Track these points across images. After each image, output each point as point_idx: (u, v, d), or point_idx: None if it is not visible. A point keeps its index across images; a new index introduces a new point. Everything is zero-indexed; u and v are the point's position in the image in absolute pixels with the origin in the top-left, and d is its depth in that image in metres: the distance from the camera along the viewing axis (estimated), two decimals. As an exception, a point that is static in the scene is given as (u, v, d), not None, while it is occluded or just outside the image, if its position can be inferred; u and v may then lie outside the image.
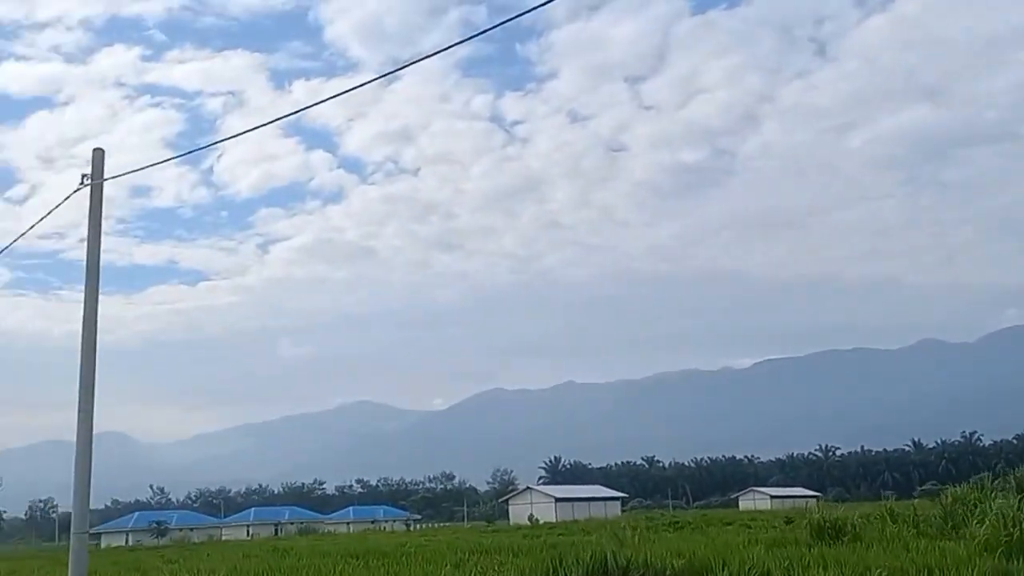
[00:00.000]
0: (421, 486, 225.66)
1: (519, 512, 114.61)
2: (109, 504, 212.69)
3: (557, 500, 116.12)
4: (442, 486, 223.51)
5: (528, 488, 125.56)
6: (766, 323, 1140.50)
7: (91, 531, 64.30)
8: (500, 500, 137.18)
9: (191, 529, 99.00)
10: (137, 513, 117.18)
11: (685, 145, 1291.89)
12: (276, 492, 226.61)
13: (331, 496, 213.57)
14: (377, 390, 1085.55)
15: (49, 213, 11.01)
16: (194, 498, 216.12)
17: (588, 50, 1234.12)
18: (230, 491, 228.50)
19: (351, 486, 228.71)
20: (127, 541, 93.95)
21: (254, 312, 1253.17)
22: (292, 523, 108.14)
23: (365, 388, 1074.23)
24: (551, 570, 15.27)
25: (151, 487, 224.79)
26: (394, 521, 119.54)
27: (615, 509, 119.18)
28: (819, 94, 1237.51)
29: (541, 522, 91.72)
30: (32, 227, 11.83)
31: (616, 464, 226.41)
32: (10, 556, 63.77)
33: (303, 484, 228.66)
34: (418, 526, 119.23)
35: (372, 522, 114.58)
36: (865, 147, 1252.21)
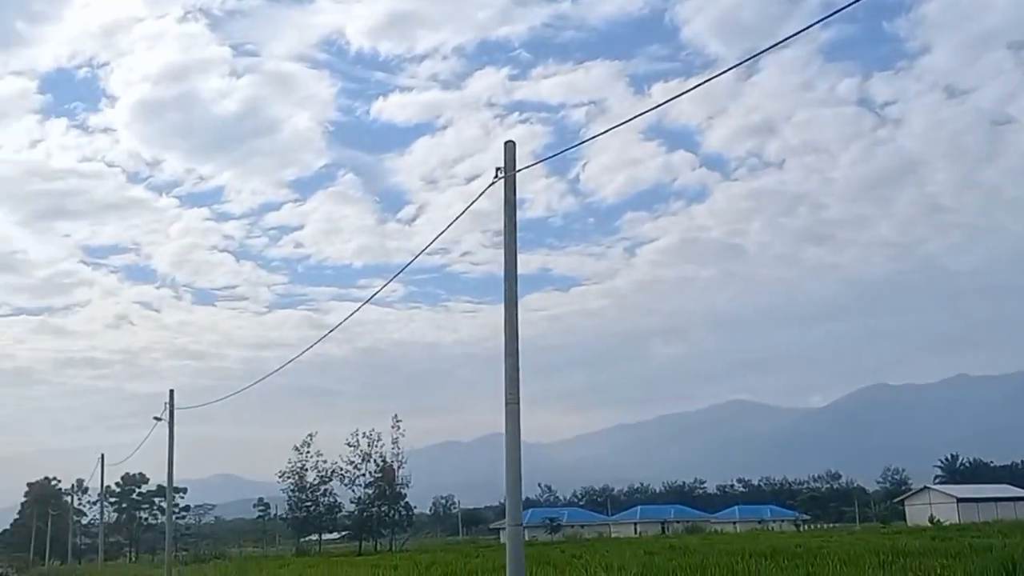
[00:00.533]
0: (805, 486, 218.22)
1: (916, 513, 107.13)
2: (502, 501, 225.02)
3: (959, 500, 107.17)
4: (827, 485, 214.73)
5: (925, 488, 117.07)
6: None
7: (489, 527, 67.60)
8: (894, 501, 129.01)
9: (581, 526, 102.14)
10: (531, 510, 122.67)
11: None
12: (657, 491, 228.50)
13: (712, 495, 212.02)
14: (750, 389, 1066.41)
15: (466, 208, 11.21)
16: (579, 496, 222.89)
17: (964, 19, 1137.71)
18: (613, 489, 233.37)
19: (732, 485, 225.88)
20: (524, 535, 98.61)
21: (624, 314, 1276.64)
22: (678, 521, 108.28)
23: (738, 387, 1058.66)
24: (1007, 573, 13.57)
25: (539, 485, 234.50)
26: (782, 521, 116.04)
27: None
28: None
29: (945, 524, 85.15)
30: (445, 229, 12.11)
31: (1022, 462, 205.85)
32: (426, 548, 68.96)
33: (684, 483, 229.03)
34: (806, 527, 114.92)
35: (759, 522, 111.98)
36: None
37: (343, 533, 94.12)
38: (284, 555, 73.01)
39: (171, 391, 26.73)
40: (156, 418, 27.00)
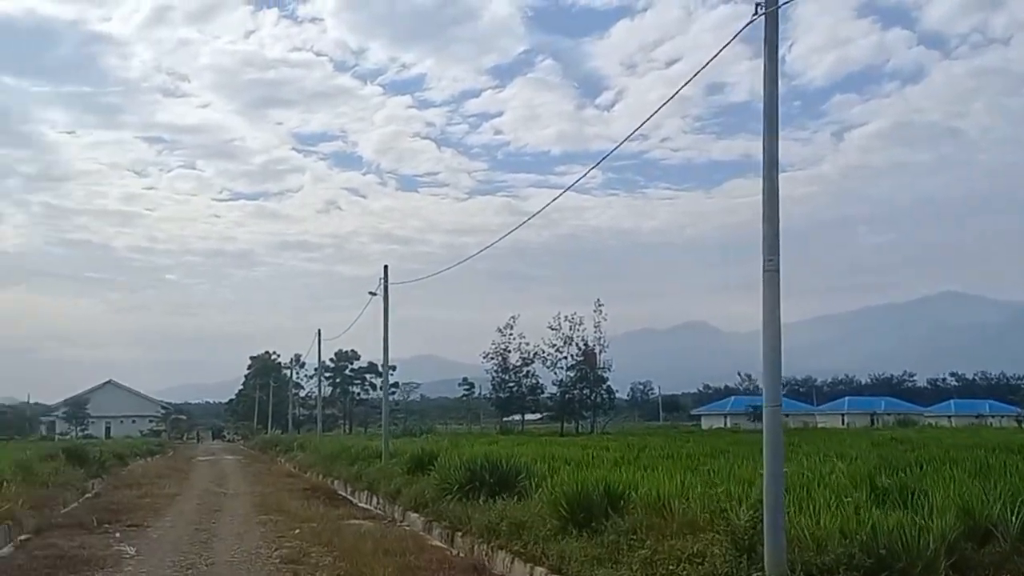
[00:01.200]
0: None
1: None
2: (700, 388, 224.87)
3: None
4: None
5: None
6: None
7: (690, 412, 66.06)
8: None
9: (786, 415, 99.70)
10: (732, 398, 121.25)
11: None
12: (863, 383, 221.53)
13: (922, 389, 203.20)
14: (965, 280, 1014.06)
15: (722, 49, 9.79)
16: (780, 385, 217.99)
17: None
18: (816, 380, 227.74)
19: (944, 379, 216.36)
20: (725, 423, 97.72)
21: (830, 201, 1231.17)
22: (888, 414, 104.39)
23: (951, 277, 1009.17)
24: None
25: (739, 374, 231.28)
26: (1002, 417, 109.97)
27: None
28: None
29: None
30: (698, 72, 10.68)
31: None
32: (628, 432, 69.04)
33: (891, 376, 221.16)
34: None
35: (976, 416, 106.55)
36: None
37: (544, 414, 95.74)
38: (489, 433, 74.75)
39: (385, 267, 26.76)
40: (371, 293, 27.12)
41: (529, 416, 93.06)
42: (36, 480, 23.32)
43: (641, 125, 12.23)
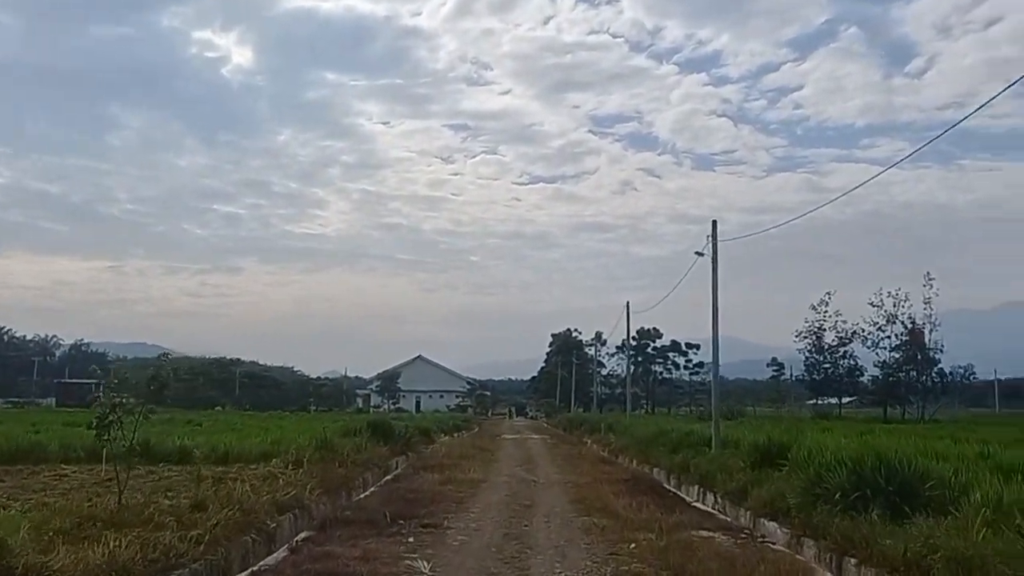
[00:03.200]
0: None
1: None
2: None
3: None
4: None
5: None
6: None
7: None
8: None
9: None
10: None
11: None
12: None
13: None
14: None
15: None
16: None
17: None
18: None
19: None
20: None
21: None
22: None
23: None
24: None
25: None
26: None
27: None
28: None
29: None
30: None
31: None
32: (970, 420, 61.31)
33: None
34: None
35: None
36: None
37: (863, 398, 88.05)
38: (803, 416, 68.99)
39: (714, 222, 22.96)
40: (698, 253, 23.28)
41: (845, 399, 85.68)
42: (336, 458, 21.37)
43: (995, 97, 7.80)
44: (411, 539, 13.08)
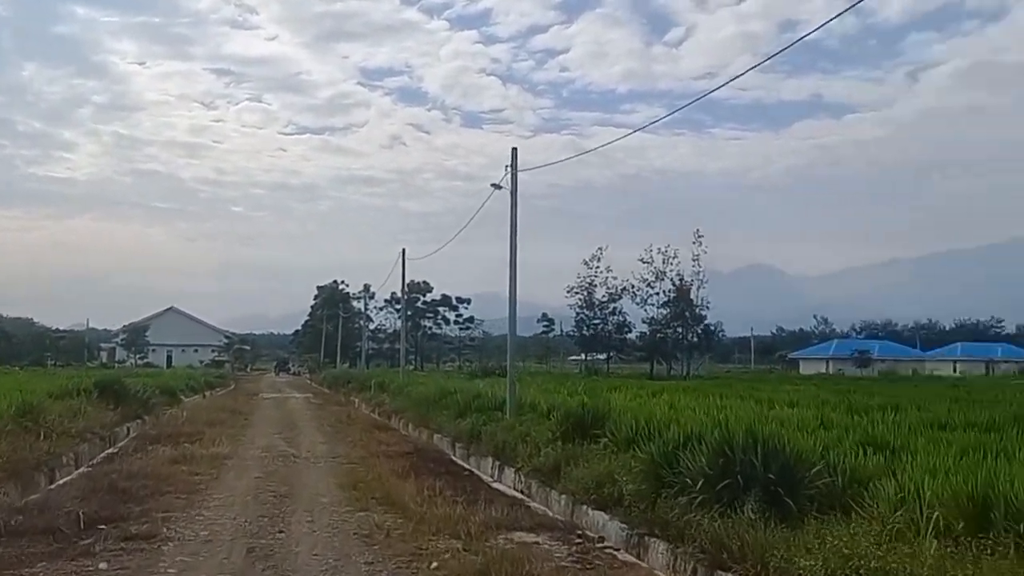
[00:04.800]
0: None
1: None
2: (774, 331, 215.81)
3: None
4: None
5: None
6: None
7: (789, 356, 58.41)
8: None
9: (895, 360, 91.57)
10: (836, 341, 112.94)
11: None
12: (946, 328, 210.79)
13: (1012, 336, 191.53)
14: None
15: None
16: (858, 330, 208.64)
17: None
18: (896, 324, 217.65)
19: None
20: (827, 368, 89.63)
21: (902, 145, 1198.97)
22: (1007, 361, 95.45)
23: (1021, 224, 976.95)
24: None
25: (815, 317, 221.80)
26: None
27: None
28: None
29: None
30: None
31: None
32: (732, 376, 61.91)
33: (978, 321, 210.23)
34: None
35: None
36: None
37: (631, 353, 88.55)
38: (571, 374, 67.94)
39: (514, 149, 19.81)
40: (495, 185, 19.86)
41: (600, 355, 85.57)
42: (40, 428, 16.63)
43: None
44: (104, 564, 8.84)
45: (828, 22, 11.78)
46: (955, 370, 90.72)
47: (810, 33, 12.20)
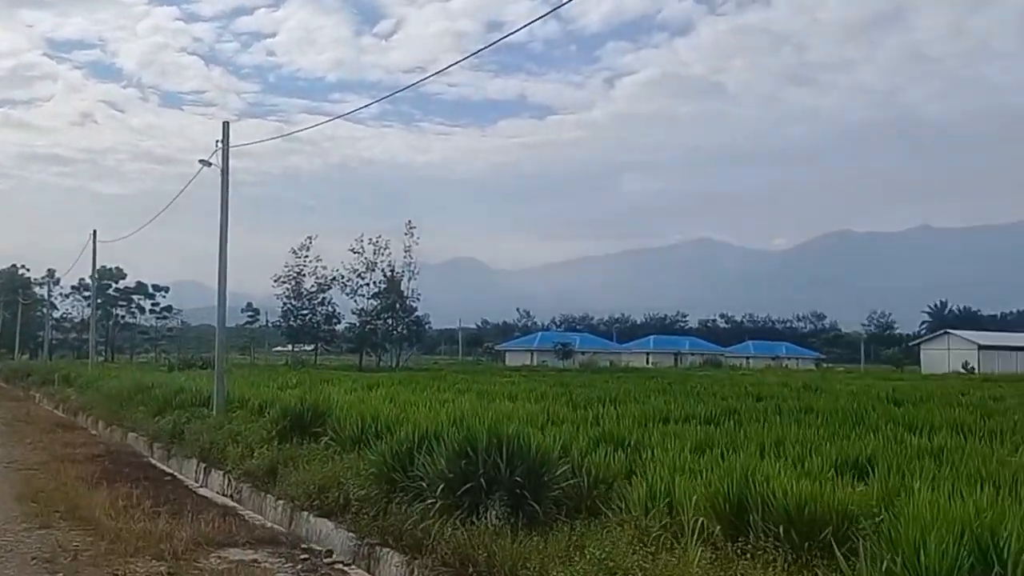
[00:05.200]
0: (787, 325, 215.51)
1: (934, 358, 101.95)
2: (479, 324, 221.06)
3: (981, 348, 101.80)
4: (811, 326, 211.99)
5: (946, 332, 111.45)
6: None
7: (496, 348, 60.01)
8: (912, 344, 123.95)
9: (594, 352, 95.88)
10: (540, 334, 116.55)
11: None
12: (638, 322, 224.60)
13: (694, 329, 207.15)
14: (718, 227, 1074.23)
15: None
16: (558, 323, 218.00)
17: None
18: (592, 318, 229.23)
19: (714, 320, 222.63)
20: (532, 360, 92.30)
21: (599, 147, 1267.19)
22: (692, 353, 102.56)
23: (706, 225, 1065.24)
24: None
25: (518, 310, 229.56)
26: (797, 359, 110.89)
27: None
28: None
29: (978, 372, 79.78)
30: None
31: (1013, 312, 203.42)
32: (440, 368, 62.08)
33: (665, 316, 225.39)
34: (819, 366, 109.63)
35: (773, 358, 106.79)
36: None
37: (339, 345, 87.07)
38: (276, 365, 65.81)
39: (225, 123, 18.14)
40: (204, 162, 18.28)
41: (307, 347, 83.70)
42: None
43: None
44: None
45: (530, 24, 11.37)
46: (648, 361, 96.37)
47: (513, 32, 11.77)
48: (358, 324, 76.47)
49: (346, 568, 9.18)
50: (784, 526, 6.98)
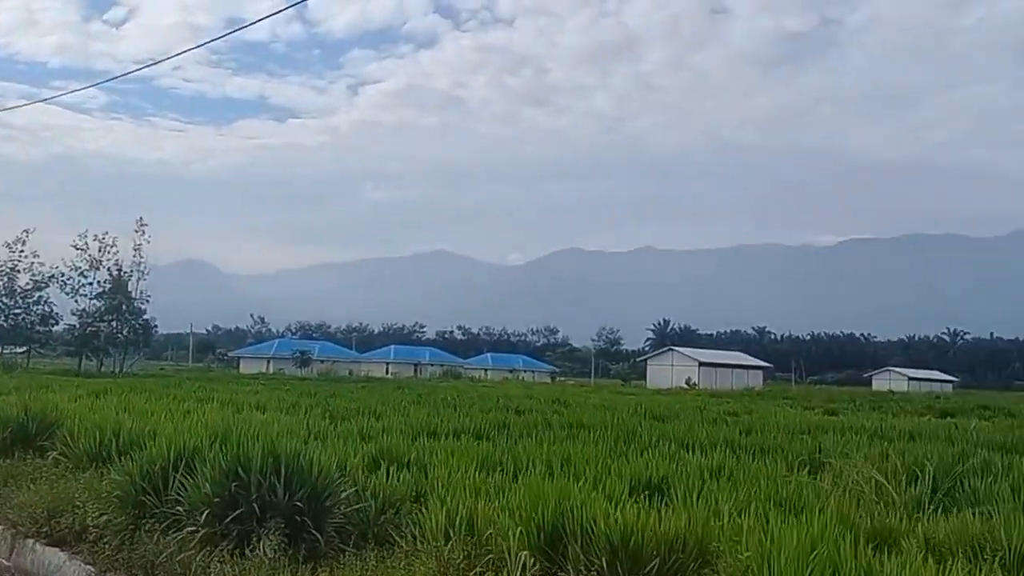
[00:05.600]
0: (522, 339, 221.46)
1: (659, 373, 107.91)
2: (210, 329, 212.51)
3: (701, 364, 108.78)
4: (544, 340, 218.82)
5: (670, 349, 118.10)
6: (854, 202, 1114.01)
7: (229, 354, 58.29)
8: (639, 360, 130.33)
9: (333, 361, 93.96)
10: (278, 341, 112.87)
11: (791, 11, 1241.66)
12: (375, 332, 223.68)
13: (432, 340, 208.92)
14: (455, 241, 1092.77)
15: None
16: (294, 330, 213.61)
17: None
18: (330, 326, 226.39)
19: (451, 332, 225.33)
20: (268, 368, 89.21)
21: (340, 154, 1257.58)
22: (432, 364, 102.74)
23: (443, 237, 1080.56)
24: None
25: (251, 316, 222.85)
26: (533, 372, 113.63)
27: (757, 379, 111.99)
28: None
29: (698, 387, 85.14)
30: None
31: (726, 332, 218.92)
32: (166, 375, 58.68)
33: (403, 326, 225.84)
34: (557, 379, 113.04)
35: (511, 371, 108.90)
36: (979, 25, 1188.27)
37: (57, 348, 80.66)
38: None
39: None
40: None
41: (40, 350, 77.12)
42: None
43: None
44: None
45: (269, 16, 10.49)
46: (388, 371, 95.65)
47: (248, 26, 10.72)
48: (79, 326, 71.23)
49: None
50: (608, 558, 6.37)
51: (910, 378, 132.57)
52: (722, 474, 10.24)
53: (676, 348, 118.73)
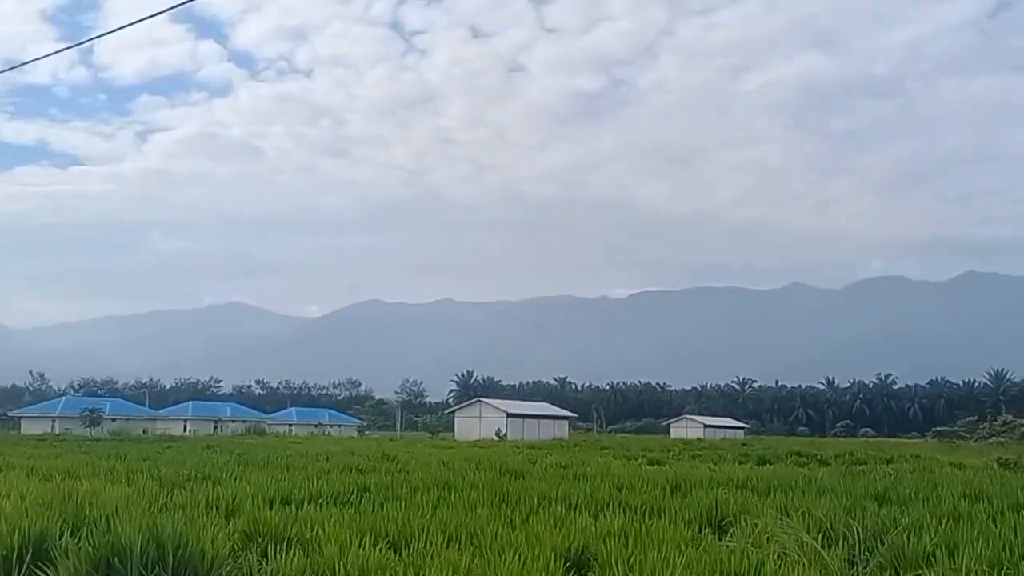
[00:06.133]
0: (324, 392, 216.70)
1: (467, 425, 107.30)
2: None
3: (509, 415, 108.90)
4: (347, 392, 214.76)
5: (478, 401, 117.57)
6: (644, 256, 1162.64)
7: (8, 414, 53.48)
8: (447, 412, 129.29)
9: (127, 419, 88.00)
10: (65, 398, 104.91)
11: (584, 71, 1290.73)
12: (168, 387, 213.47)
13: (230, 395, 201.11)
14: (251, 292, 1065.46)
15: None
16: (77, 387, 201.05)
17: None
18: (117, 382, 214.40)
19: (249, 386, 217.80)
20: (53, 428, 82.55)
21: (128, 202, 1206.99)
22: (234, 420, 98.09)
23: (238, 289, 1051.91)
24: None
25: (31, 372, 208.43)
26: (340, 426, 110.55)
27: (563, 429, 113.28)
28: (719, 33, 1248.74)
29: (508, 438, 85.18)
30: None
31: (528, 383, 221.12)
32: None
33: (198, 381, 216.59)
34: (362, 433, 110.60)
35: (316, 425, 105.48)
36: (758, 90, 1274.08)
37: None
38: None
39: None
40: None
41: None
42: None
43: None
44: None
45: (43, 57, 9.30)
46: (186, 429, 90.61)
47: (23, 64, 9.48)
48: None
49: None
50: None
51: (706, 425, 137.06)
52: (636, 542, 9.41)
53: (484, 399, 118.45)
